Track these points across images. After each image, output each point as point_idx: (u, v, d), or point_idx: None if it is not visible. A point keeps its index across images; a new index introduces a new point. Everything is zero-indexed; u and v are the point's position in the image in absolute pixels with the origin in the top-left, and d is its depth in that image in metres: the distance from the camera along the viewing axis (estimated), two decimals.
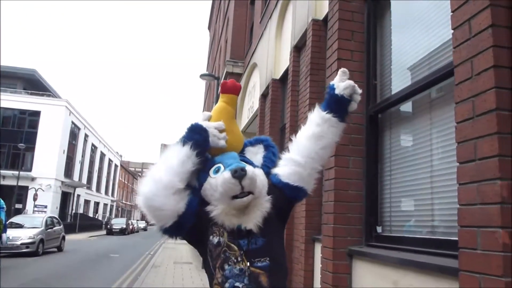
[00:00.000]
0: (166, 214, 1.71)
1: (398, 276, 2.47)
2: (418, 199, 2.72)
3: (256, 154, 1.95)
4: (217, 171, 1.75)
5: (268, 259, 1.67)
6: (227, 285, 1.65)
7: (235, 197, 1.65)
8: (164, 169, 1.72)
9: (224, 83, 1.90)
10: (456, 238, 1.77)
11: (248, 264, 1.65)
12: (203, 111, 31.21)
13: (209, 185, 1.75)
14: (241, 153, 1.92)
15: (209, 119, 1.85)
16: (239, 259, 1.66)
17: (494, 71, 1.59)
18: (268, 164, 1.90)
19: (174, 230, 1.76)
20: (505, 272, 1.46)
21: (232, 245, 1.68)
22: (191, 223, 1.76)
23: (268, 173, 1.85)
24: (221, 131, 1.81)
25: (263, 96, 8.82)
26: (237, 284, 1.63)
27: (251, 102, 11.23)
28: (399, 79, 3.07)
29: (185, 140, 1.74)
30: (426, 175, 2.60)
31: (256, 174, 1.70)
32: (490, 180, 1.55)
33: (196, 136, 1.74)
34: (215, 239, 1.72)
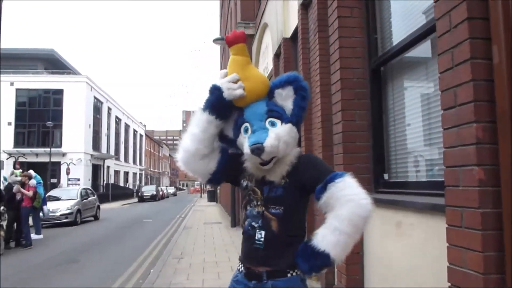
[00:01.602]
0: (199, 174, 2.02)
1: (401, 217, 2.68)
2: (420, 146, 2.89)
3: (286, 98, 1.92)
4: (246, 130, 1.90)
5: (282, 208, 1.85)
6: (246, 223, 1.93)
7: (260, 163, 1.83)
8: (189, 138, 1.95)
9: (227, 38, 1.92)
10: None
11: (263, 208, 1.87)
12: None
13: (240, 142, 1.94)
14: (271, 96, 1.93)
15: (226, 76, 1.91)
16: (259, 202, 1.88)
17: (468, 23, 1.71)
18: (298, 113, 1.91)
19: (212, 182, 2.06)
20: (481, 204, 1.65)
21: (257, 189, 1.90)
22: (225, 177, 2.05)
23: (298, 122, 1.91)
24: (235, 82, 1.86)
25: (276, 56, 8.87)
26: (253, 223, 1.89)
27: (265, 63, 11.28)
28: (399, 31, 3.16)
29: (204, 104, 1.92)
30: (425, 122, 2.75)
31: (280, 136, 1.79)
32: (467, 123, 1.72)
33: (211, 97, 1.89)
34: (244, 183, 1.98)
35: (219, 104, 1.88)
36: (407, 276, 2.61)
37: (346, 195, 1.70)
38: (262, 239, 1.85)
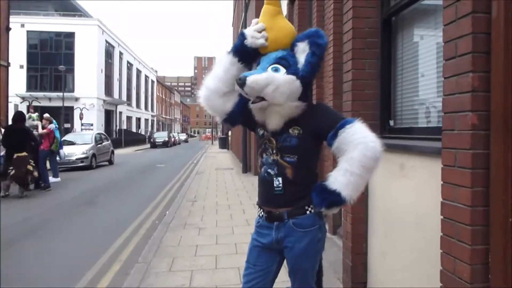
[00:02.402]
0: (216, 112, 2.18)
1: (403, 160, 2.89)
2: (423, 94, 3.04)
3: (302, 52, 1.97)
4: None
5: (296, 157, 2.02)
6: (262, 169, 2.12)
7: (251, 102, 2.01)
8: (212, 77, 2.13)
9: None
10: None
11: (278, 156, 2.06)
12: (233, 21, 30.74)
13: None
14: (293, 47, 2.00)
15: (256, 24, 2.03)
16: (274, 151, 2.06)
17: None
18: (306, 69, 1.96)
19: (228, 122, 2.23)
20: (472, 146, 1.85)
21: (272, 138, 2.07)
22: (240, 119, 2.20)
23: (305, 77, 1.96)
24: (261, 31, 1.99)
25: (291, 2, 8.81)
26: (269, 170, 2.08)
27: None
28: None
29: (231, 47, 2.08)
30: (432, 71, 2.90)
31: (271, 80, 1.90)
32: (465, 73, 1.88)
33: (237, 42, 2.05)
34: (260, 132, 2.15)
35: (242, 49, 2.03)
36: (406, 213, 2.87)
37: (356, 139, 1.86)
38: (281, 185, 2.04)
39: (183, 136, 65.42)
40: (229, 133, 32.49)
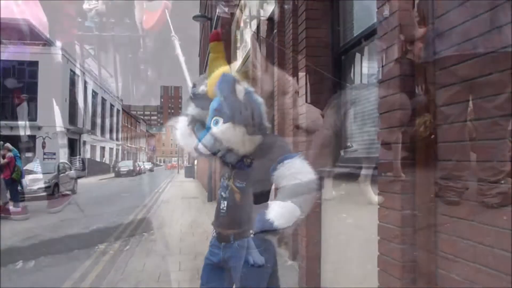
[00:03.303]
0: (187, 148, 2.38)
1: (351, 186, 3.16)
2: (370, 126, 3.34)
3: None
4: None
5: (245, 183, 2.21)
6: (219, 191, 2.33)
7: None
8: (179, 118, 2.37)
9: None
10: None
11: (231, 181, 2.25)
12: (199, 52, 31.19)
13: None
14: None
15: None
16: (229, 176, 2.27)
17: (399, 29, 2.14)
18: (230, 115, 2.09)
19: (200, 154, 2.36)
20: (402, 173, 2.12)
21: (230, 165, 2.27)
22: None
23: (240, 121, 2.08)
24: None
25: (254, 35, 9.15)
26: (222, 193, 2.29)
27: (244, 41, 11.55)
28: (358, 25, 3.58)
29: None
30: (374, 107, 3.20)
31: (215, 137, 2.10)
32: (395, 110, 2.17)
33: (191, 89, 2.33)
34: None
35: (194, 95, 2.29)
36: (354, 230, 3.11)
37: (291, 174, 2.04)
38: (225, 209, 2.24)
39: (148, 165, 64.50)
40: (195, 162, 32.38)
